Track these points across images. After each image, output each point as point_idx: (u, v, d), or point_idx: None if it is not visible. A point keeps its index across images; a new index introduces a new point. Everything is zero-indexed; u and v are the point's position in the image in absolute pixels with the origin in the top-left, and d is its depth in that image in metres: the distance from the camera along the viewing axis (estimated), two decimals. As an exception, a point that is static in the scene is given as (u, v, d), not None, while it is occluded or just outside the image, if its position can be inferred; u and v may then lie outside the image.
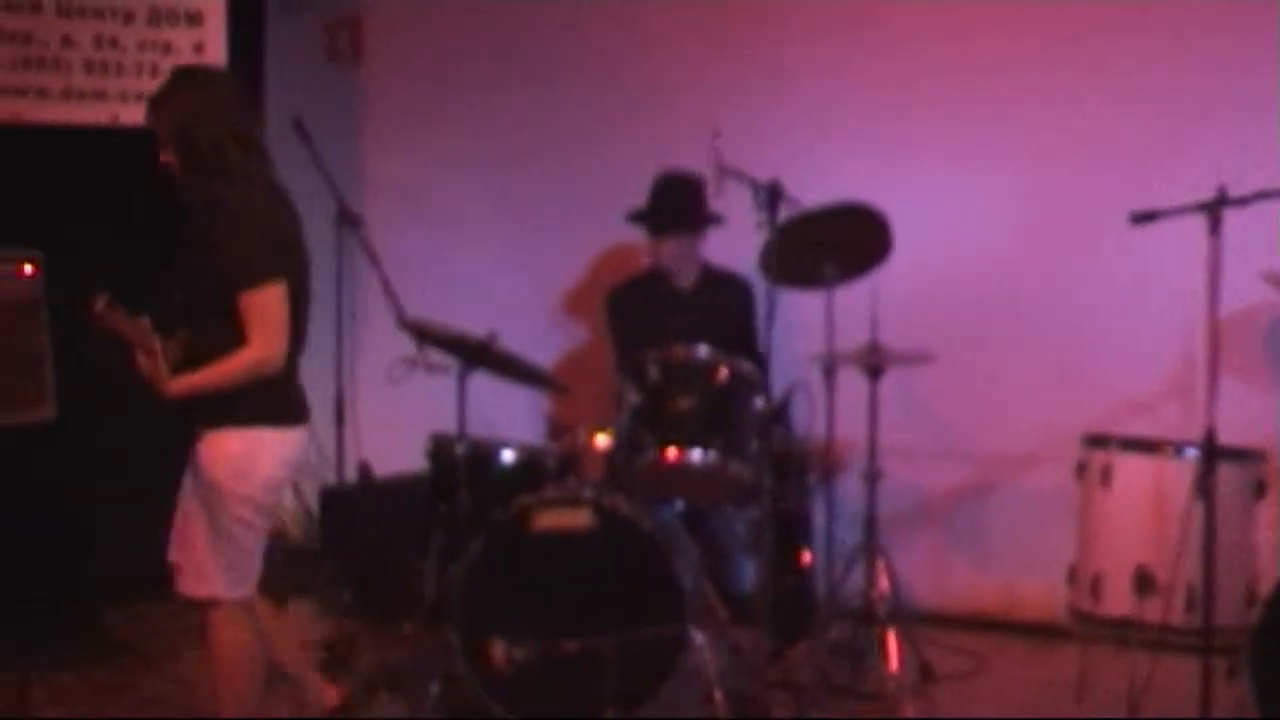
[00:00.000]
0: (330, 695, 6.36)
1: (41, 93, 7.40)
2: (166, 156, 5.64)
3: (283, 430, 5.68)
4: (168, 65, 7.66)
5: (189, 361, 5.50)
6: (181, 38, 7.76)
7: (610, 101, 8.67)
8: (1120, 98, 7.70)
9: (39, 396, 6.93)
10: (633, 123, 8.60)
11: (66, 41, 7.45)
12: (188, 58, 7.76)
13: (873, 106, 8.19)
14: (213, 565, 5.63)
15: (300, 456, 5.83)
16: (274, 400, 5.66)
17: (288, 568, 8.63)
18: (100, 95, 7.50)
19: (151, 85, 7.50)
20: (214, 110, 5.62)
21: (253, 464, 5.61)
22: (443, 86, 8.77)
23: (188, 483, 5.74)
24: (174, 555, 5.78)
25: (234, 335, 5.49)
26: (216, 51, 7.86)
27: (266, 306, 5.50)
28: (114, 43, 7.58)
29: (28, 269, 6.98)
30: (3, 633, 6.89)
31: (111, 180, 7.56)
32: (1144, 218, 6.13)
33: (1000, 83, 7.97)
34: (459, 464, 6.81)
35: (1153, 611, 6.15)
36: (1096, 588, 6.24)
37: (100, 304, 5.42)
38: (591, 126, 8.60)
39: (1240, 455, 6.46)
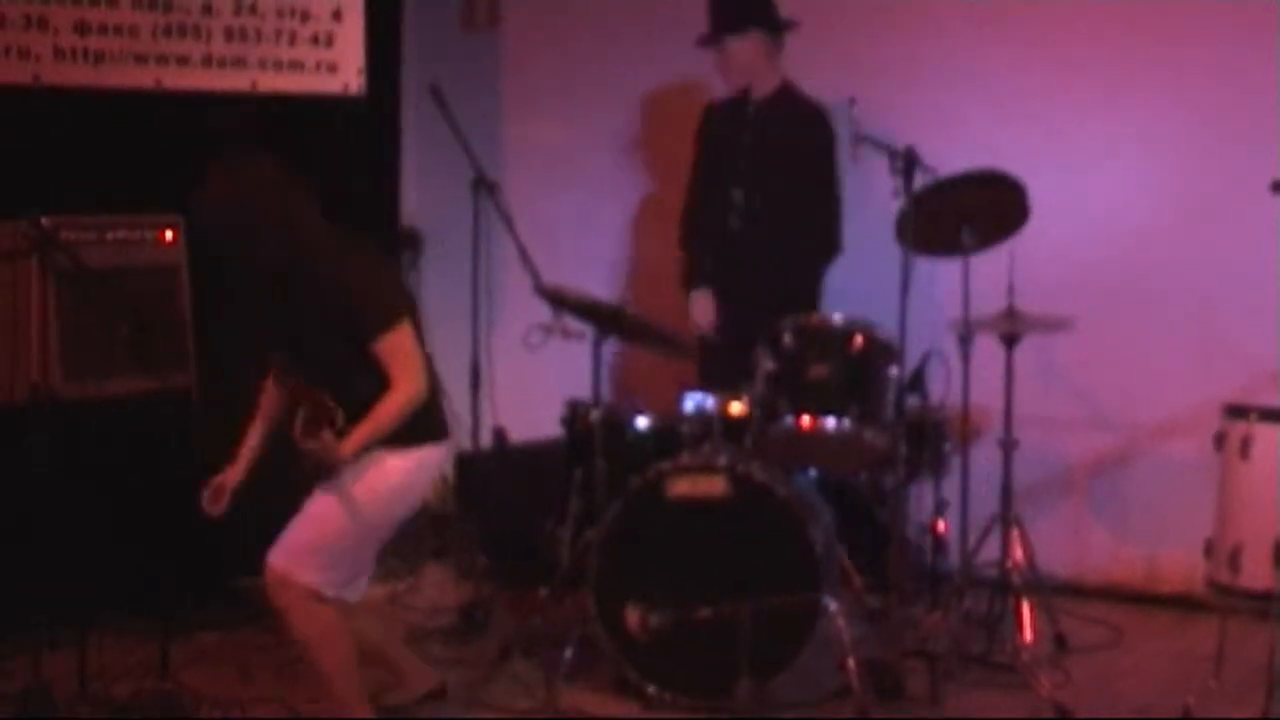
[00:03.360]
0: (429, 678, 6.41)
1: (182, 60, 7.46)
2: (229, 250, 5.76)
3: (440, 445, 5.93)
4: (306, 33, 7.74)
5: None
6: (319, 5, 7.80)
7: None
8: (1264, 67, 7.59)
9: (179, 363, 7.02)
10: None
11: (207, 9, 7.50)
12: (326, 25, 7.80)
13: (1011, 74, 8.12)
14: (314, 559, 5.76)
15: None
16: (432, 419, 5.88)
17: (424, 533, 8.72)
18: (240, 62, 7.56)
19: (290, 53, 7.63)
20: (263, 192, 5.69)
21: (414, 485, 5.88)
22: (582, 54, 8.76)
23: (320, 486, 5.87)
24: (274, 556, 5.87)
25: (361, 382, 5.64)
26: (354, 19, 7.90)
27: (402, 344, 5.70)
28: (253, 10, 7.64)
29: (169, 235, 7.07)
30: (143, 597, 6.99)
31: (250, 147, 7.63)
32: (1285, 185, 6.08)
33: (1142, 49, 7.88)
34: (594, 430, 6.84)
35: (1293, 585, 6.08)
36: (1235, 560, 6.15)
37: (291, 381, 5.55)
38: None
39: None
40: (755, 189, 7.80)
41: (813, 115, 7.83)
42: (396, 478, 5.78)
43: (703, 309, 7.87)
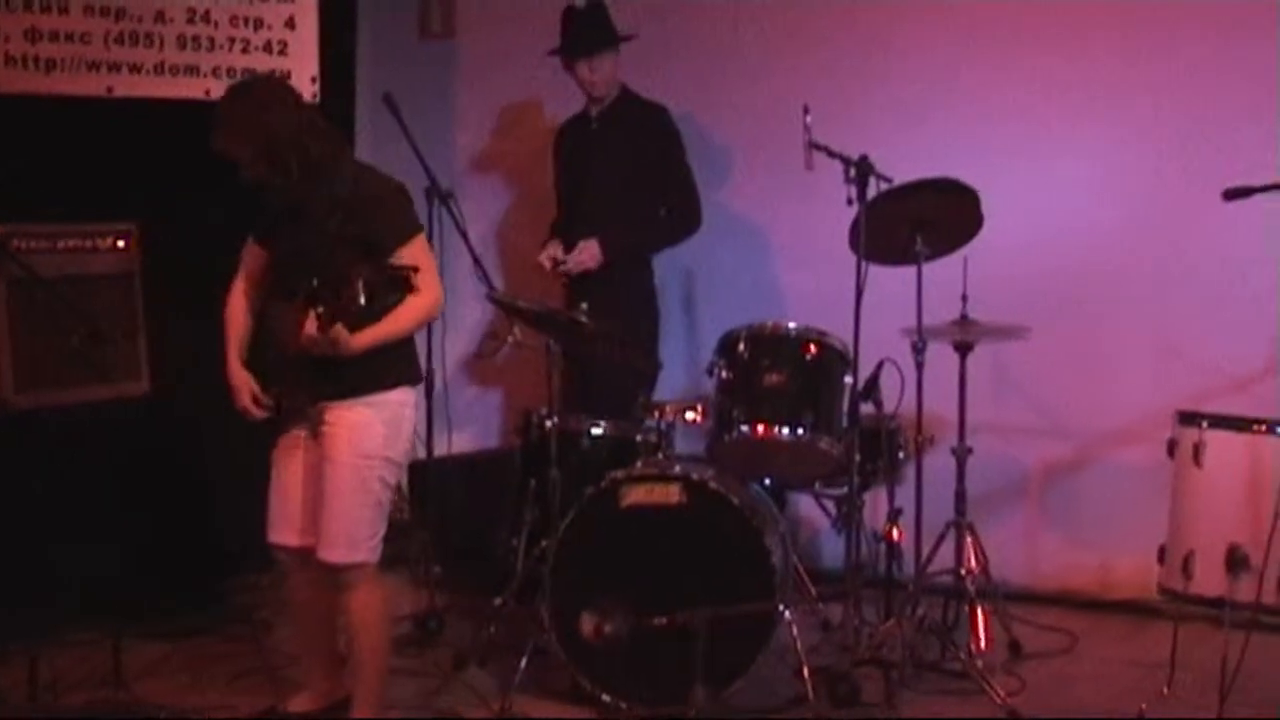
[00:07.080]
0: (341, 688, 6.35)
1: (135, 67, 7.42)
2: (255, 172, 5.73)
3: (415, 390, 6.02)
4: (259, 40, 7.71)
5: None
6: (273, 13, 7.77)
7: (703, 79, 8.65)
8: (1217, 74, 7.62)
9: (131, 370, 6.97)
10: (724, 100, 8.59)
11: (160, 16, 7.46)
12: (279, 33, 7.77)
13: (964, 82, 8.14)
14: (364, 532, 5.85)
15: None
16: (410, 361, 6.00)
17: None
18: (193, 70, 7.52)
19: (243, 60, 7.59)
20: (286, 117, 5.73)
21: (400, 426, 5.91)
22: (537, 62, 8.72)
23: (309, 459, 5.91)
24: (301, 539, 5.94)
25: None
26: (308, 27, 7.87)
27: (424, 255, 5.81)
28: (206, 17, 7.60)
29: (122, 243, 7.03)
30: (97, 607, 6.96)
31: (205, 154, 7.61)
32: (1237, 194, 6.07)
33: (1095, 58, 7.91)
34: (549, 439, 6.83)
35: (1245, 591, 6.07)
36: (1188, 567, 6.16)
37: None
38: (684, 103, 8.55)
39: (1335, 432, 6.37)
40: (602, 191, 7.99)
41: (652, 113, 8.06)
42: (381, 428, 5.81)
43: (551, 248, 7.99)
